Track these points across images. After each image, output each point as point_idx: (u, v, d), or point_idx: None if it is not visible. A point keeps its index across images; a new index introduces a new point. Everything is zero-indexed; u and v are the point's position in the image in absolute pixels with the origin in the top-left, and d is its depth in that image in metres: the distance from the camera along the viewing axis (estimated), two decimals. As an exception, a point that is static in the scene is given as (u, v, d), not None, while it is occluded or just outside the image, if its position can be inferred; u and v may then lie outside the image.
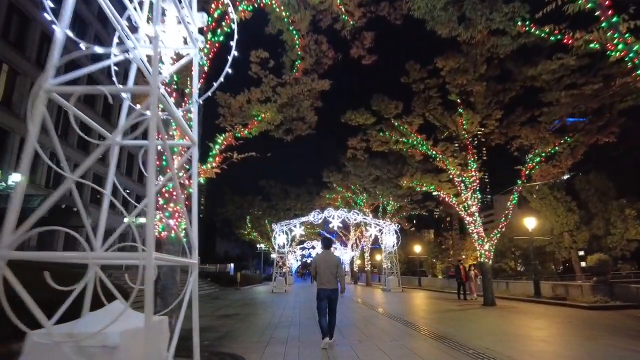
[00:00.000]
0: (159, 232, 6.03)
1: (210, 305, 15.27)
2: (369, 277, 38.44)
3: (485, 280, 14.31)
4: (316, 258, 7.19)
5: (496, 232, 14.62)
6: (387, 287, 25.25)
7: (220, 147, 7.35)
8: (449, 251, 43.24)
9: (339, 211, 25.91)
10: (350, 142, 16.59)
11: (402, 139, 15.50)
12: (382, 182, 27.93)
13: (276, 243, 25.65)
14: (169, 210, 6.03)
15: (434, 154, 15.18)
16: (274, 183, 43.29)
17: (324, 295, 6.79)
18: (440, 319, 10.51)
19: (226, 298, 20.02)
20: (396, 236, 25.71)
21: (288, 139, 10.63)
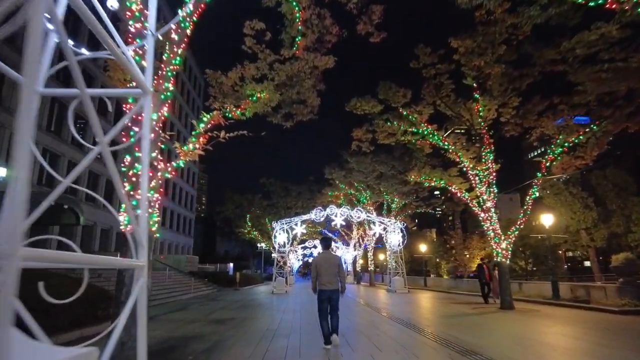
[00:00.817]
0: (125, 226, 4.96)
1: (205, 308, 14.22)
2: (372, 277, 37.36)
3: (503, 281, 13.19)
4: (316, 259, 7.09)
5: (514, 229, 13.50)
6: (392, 288, 24.15)
7: (206, 127, 6.28)
8: (453, 250, 42.07)
9: (341, 209, 24.82)
10: (355, 133, 15.47)
11: (411, 128, 14.39)
12: (387, 178, 26.83)
13: (276, 242, 24.58)
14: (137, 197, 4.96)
15: (446, 145, 14.07)
16: (274, 181, 42.27)
17: (325, 297, 6.74)
18: (459, 326, 9.42)
19: (223, 299, 18.98)
20: (402, 235, 24.61)
21: (288, 125, 9.55)
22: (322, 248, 7.31)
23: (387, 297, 20.29)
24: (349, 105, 14.35)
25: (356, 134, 15.49)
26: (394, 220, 25.08)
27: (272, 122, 9.32)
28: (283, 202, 41.41)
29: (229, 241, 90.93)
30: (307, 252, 55.02)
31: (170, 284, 22.00)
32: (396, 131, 14.95)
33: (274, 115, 9.33)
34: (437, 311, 12.95)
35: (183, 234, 58.08)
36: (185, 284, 23.47)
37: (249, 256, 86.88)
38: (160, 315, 12.10)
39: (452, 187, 15.51)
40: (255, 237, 43.16)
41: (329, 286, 6.74)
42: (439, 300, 17.50)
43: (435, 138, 14.14)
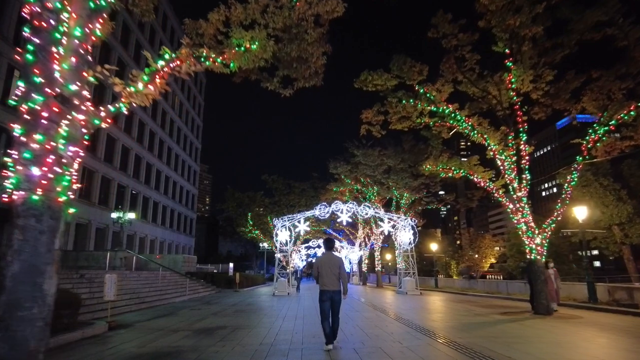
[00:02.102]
0: (9, 193, 3.26)
1: (195, 313, 12.53)
2: (379, 278, 35.57)
3: (537, 282, 11.41)
4: (318, 260, 7.09)
5: (550, 222, 11.70)
6: (402, 289, 22.38)
7: (167, 65, 4.60)
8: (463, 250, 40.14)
9: (347, 204, 23.09)
10: (364, 115, 13.68)
11: (429, 107, 12.63)
12: (396, 172, 25.03)
13: (278, 240, 22.87)
14: (34, 147, 3.29)
15: (469, 127, 12.29)
16: (277, 177, 40.54)
17: (327, 297, 6.69)
18: (493, 336, 7.68)
19: (220, 302, 17.30)
20: (413, 232, 22.84)
21: (287, 94, 7.82)
22: (325, 249, 7.28)
23: (399, 299, 18.54)
24: (359, 81, 12.59)
25: (365, 116, 13.70)
26: (404, 217, 23.30)
27: (267, 88, 7.62)
28: (286, 200, 39.71)
29: (231, 241, 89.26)
30: (311, 253, 53.21)
31: (163, 286, 20.36)
32: (411, 113, 13.19)
33: (269, 80, 7.63)
34: (459, 316, 11.19)
35: (183, 234, 56.57)
36: (181, 285, 21.82)
37: (252, 256, 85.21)
38: (140, 322, 10.43)
39: (474, 176, 13.75)
40: (256, 237, 41.48)
41: (330, 287, 6.68)
42: (457, 304, 15.72)
43: (457, 118, 12.37)
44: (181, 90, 55.87)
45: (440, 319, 10.66)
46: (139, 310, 13.81)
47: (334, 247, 7.46)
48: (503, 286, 21.54)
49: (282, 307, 14.16)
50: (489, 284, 23.27)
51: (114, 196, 36.43)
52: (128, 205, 38.91)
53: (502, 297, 18.64)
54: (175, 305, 16.19)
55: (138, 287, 17.58)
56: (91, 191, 33.09)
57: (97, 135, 33.87)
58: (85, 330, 8.19)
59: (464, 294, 22.70)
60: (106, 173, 35.05)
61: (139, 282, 18.63)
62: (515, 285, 20.72)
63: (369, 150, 25.89)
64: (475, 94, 13.10)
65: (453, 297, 20.48)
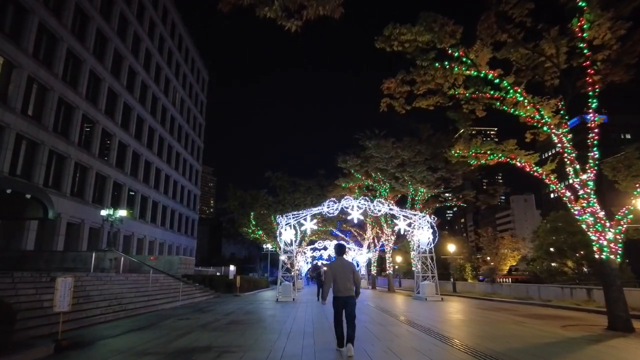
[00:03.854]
0: None
1: (180, 325, 10.29)
2: (391, 282, 33.16)
3: (611, 289, 9.01)
4: (331, 266, 6.89)
5: (626, 212, 9.29)
6: (421, 295, 20.02)
7: None
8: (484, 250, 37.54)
9: (359, 201, 20.80)
10: (386, 85, 11.35)
11: (468, 71, 10.35)
12: (414, 165, 22.64)
13: (282, 240, 20.63)
14: None
15: (517, 95, 9.97)
16: (281, 175, 38.26)
17: (341, 303, 6.50)
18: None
19: (214, 310, 15.07)
20: (432, 231, 20.51)
21: (293, 28, 5.61)
22: (336, 254, 7.16)
23: (421, 307, 16.21)
24: (381, 39, 10.20)
25: (387, 86, 11.37)
26: (422, 214, 20.95)
27: (264, 17, 5.39)
28: (290, 199, 37.44)
29: (235, 243, 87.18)
30: (317, 255, 50.74)
31: (153, 290, 18.18)
32: (442, 84, 10.93)
33: (268, 4, 5.40)
34: (513, 331, 8.84)
35: (185, 235, 54.47)
36: (174, 289, 19.64)
37: (256, 259, 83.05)
38: (105, 339, 8.19)
39: (516, 160, 11.44)
40: (260, 238, 39.23)
41: (344, 292, 6.54)
42: (494, 313, 13.34)
43: (502, 86, 10.05)
44: (182, 86, 53.90)
45: (492, 336, 8.30)
46: (116, 320, 11.61)
47: (345, 252, 7.40)
48: (534, 291, 19.13)
49: (287, 318, 11.90)
50: (516, 289, 20.86)
51: (109, 194, 34.35)
52: (125, 204, 36.82)
53: (538, 304, 16.25)
54: (162, 313, 13.98)
55: (122, 292, 15.40)
56: (84, 189, 31.05)
57: (92, 130, 31.89)
58: (14, 355, 5.95)
59: (489, 299, 20.31)
60: (101, 170, 33.02)
61: (124, 287, 16.47)
62: (550, 290, 18.32)
63: (381, 141, 23.60)
64: (520, 61, 10.79)
65: (479, 303, 18.11)
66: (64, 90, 27.90)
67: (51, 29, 26.81)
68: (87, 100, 30.76)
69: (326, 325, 9.68)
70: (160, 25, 46.07)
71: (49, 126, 26.48)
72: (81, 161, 30.34)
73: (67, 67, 28.71)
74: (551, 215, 35.57)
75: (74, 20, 29.27)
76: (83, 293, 12.61)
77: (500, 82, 10.13)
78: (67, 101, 28.46)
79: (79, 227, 30.34)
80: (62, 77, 27.73)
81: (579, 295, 16.02)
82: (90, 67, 31.37)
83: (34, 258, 21.98)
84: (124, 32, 37.35)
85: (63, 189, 28.27)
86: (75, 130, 29.60)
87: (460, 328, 9.54)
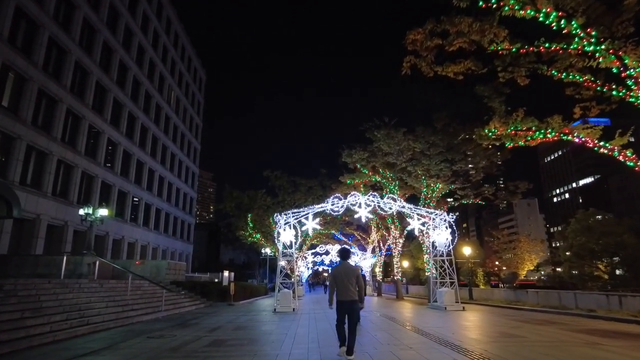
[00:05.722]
0: None
1: (146, 348, 7.89)
2: (399, 288, 30.64)
3: None
4: (334, 271, 6.87)
5: None
6: (439, 304, 17.57)
7: None
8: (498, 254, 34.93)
9: (367, 197, 18.45)
10: (411, 37, 8.97)
11: (522, 11, 8.03)
12: (429, 157, 20.24)
13: (280, 241, 18.24)
14: None
15: (592, 39, 7.65)
16: (280, 174, 35.86)
17: (345, 308, 6.51)
18: None
19: (199, 324, 12.64)
20: (450, 231, 18.13)
21: None
22: (340, 259, 6.99)
23: (444, 318, 13.77)
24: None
25: (413, 38, 9.00)
26: (439, 212, 18.55)
27: None
28: (290, 199, 35.03)
29: (234, 249, 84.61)
30: (318, 260, 48.11)
31: (132, 299, 15.77)
32: (481, 38, 8.62)
33: None
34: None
35: (180, 240, 51.98)
36: (158, 298, 17.22)
37: (255, 265, 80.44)
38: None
39: (573, 136, 9.10)
40: (258, 241, 36.78)
41: (347, 297, 6.48)
42: (542, 327, 10.88)
43: (573, 27, 7.72)
44: (178, 85, 51.72)
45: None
46: (70, 338, 9.19)
47: (349, 257, 7.14)
48: (569, 298, 16.68)
49: (285, 336, 9.47)
50: (546, 296, 18.39)
51: (96, 195, 31.91)
52: (114, 206, 34.49)
53: (583, 315, 13.79)
54: (136, 327, 11.57)
55: (90, 301, 12.98)
56: (69, 188, 28.68)
57: (77, 125, 29.60)
58: None
59: (517, 308, 17.85)
60: (88, 168, 30.68)
61: (95, 295, 14.05)
62: (591, 297, 15.86)
63: (391, 130, 21.26)
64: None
65: (509, 313, 15.65)
66: (45, 81, 25.66)
67: (31, 15, 24.66)
68: (72, 94, 28.50)
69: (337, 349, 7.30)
70: (154, 20, 43.99)
71: (27, 119, 24.19)
72: (65, 159, 28.01)
73: (49, 57, 26.50)
74: (580, 214, 32.84)
75: (57, 7, 27.13)
76: (33, 304, 10.21)
77: (567, 23, 7.78)
78: (49, 94, 26.22)
79: (62, 229, 27.93)
80: (42, 67, 25.49)
81: (630, 304, 13.57)
82: (76, 58, 29.14)
83: (3, 263, 19.60)
84: (115, 24, 35.23)
85: (44, 187, 25.91)
86: (59, 125, 27.30)
87: (522, 355, 7.09)
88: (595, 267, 29.87)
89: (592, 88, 9.06)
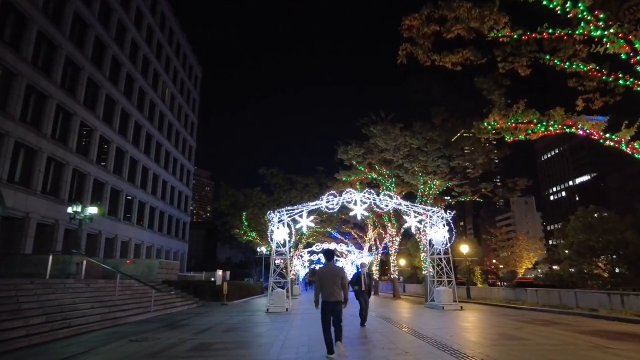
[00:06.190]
0: None
1: (125, 354, 7.41)
2: (396, 287, 30.25)
3: None
4: (320, 272, 7.06)
5: None
6: (437, 303, 17.16)
7: None
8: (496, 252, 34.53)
9: (363, 194, 18.00)
10: (407, 22, 8.50)
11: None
12: (426, 153, 19.81)
13: (274, 240, 17.79)
14: None
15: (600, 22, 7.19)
16: (276, 171, 35.35)
17: (329, 309, 6.64)
18: None
19: (189, 325, 12.17)
20: (448, 229, 17.71)
21: None
22: (326, 259, 7.16)
23: (442, 319, 13.34)
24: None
25: (409, 24, 8.50)
26: (436, 209, 18.12)
27: None
28: (286, 197, 34.54)
29: (230, 248, 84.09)
30: (315, 259, 47.67)
31: (120, 299, 15.28)
32: (481, 24, 8.15)
33: None
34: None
35: (175, 238, 51.39)
36: (148, 298, 16.73)
37: (252, 263, 79.97)
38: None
39: (577, 128, 8.68)
40: (253, 240, 36.28)
41: (332, 298, 6.60)
42: (545, 328, 10.45)
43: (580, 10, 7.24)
44: (173, 82, 51.03)
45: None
46: (49, 342, 8.70)
47: (334, 257, 7.25)
48: (570, 297, 16.30)
49: (275, 339, 9.00)
50: (546, 295, 18.00)
51: (89, 194, 31.29)
52: (107, 204, 33.92)
53: (585, 315, 13.40)
54: (121, 329, 11.09)
55: (75, 302, 12.49)
56: (60, 186, 28.08)
57: (68, 122, 28.99)
58: None
59: (516, 307, 17.46)
60: (80, 166, 30.05)
61: (81, 296, 13.55)
62: (592, 297, 15.46)
63: (388, 126, 20.81)
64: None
65: (509, 313, 15.25)
66: (35, 77, 25.05)
67: (20, 8, 24.03)
68: (62, 90, 27.89)
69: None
70: (148, 16, 43.30)
71: (15, 116, 23.60)
72: (56, 156, 27.40)
73: (38, 52, 25.88)
74: (580, 211, 32.48)
75: (46, 1, 26.50)
76: (11, 306, 9.71)
77: (573, 6, 7.31)
78: (38, 89, 25.61)
79: (53, 228, 27.35)
80: (31, 62, 24.89)
81: (633, 303, 13.18)
82: (67, 53, 28.50)
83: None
84: (107, 19, 34.57)
85: (33, 185, 25.32)
86: (48, 121, 26.67)
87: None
88: (595, 265, 29.50)
89: (597, 78, 8.64)
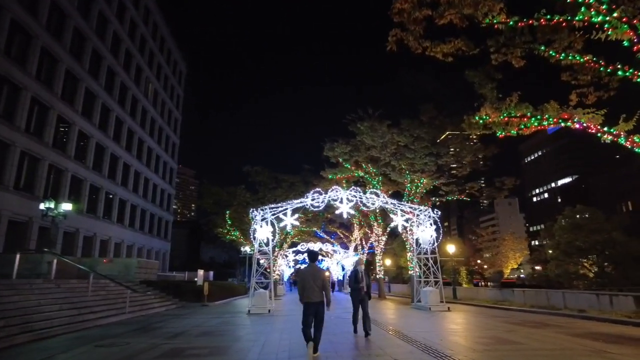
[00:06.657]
0: None
1: (95, 357, 6.73)
2: (382, 287, 29.88)
3: None
4: (302, 272, 7.11)
5: None
6: (424, 304, 16.75)
7: None
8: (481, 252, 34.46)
9: (349, 192, 17.50)
10: (397, 6, 7.93)
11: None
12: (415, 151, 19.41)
13: (257, 239, 17.15)
14: None
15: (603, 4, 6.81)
16: (261, 169, 34.62)
17: (312, 310, 6.60)
18: None
19: (163, 328, 11.46)
20: (435, 228, 17.33)
21: None
22: (309, 260, 7.15)
23: (429, 320, 12.91)
24: None
25: (399, 7, 7.98)
26: (423, 208, 17.72)
27: None
28: (271, 196, 33.83)
29: (214, 247, 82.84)
30: (300, 258, 47.04)
31: (93, 300, 14.44)
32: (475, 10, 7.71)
33: None
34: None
35: (157, 237, 50.12)
36: (123, 299, 15.91)
37: (236, 263, 78.88)
38: None
39: (572, 122, 8.30)
40: (237, 239, 35.47)
41: (314, 299, 6.60)
42: (536, 330, 10.07)
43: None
44: (156, 77, 49.79)
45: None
46: (3, 349, 7.93)
47: (317, 258, 7.19)
48: (558, 298, 16.08)
49: (254, 344, 8.39)
50: (534, 295, 17.78)
51: (66, 190, 30.04)
52: (86, 201, 32.70)
53: (575, 316, 13.13)
54: (90, 333, 10.33)
55: (40, 304, 11.65)
56: (35, 182, 26.84)
57: (44, 115, 27.77)
58: None
59: (504, 308, 17.18)
60: (56, 162, 28.81)
61: (49, 297, 12.70)
62: (580, 297, 15.24)
63: (375, 123, 20.36)
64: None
65: (497, 314, 14.92)
66: (8, 68, 23.86)
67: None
68: (38, 82, 26.68)
69: (309, 358, 6.29)
70: (131, 9, 42.05)
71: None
72: (30, 150, 26.19)
73: (12, 41, 24.68)
74: (567, 211, 32.54)
75: (21, -13, 25.31)
76: (-36, 309, 8.90)
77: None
78: (11, 80, 24.41)
79: (26, 225, 26.14)
80: (4, 52, 23.71)
81: (622, 304, 12.96)
82: (44, 44, 27.27)
83: (-46, 262, 17.92)
84: (88, 10, 33.33)
85: (5, 181, 24.12)
86: (22, 114, 25.44)
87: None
88: (582, 265, 29.56)
89: (594, 69, 8.30)
